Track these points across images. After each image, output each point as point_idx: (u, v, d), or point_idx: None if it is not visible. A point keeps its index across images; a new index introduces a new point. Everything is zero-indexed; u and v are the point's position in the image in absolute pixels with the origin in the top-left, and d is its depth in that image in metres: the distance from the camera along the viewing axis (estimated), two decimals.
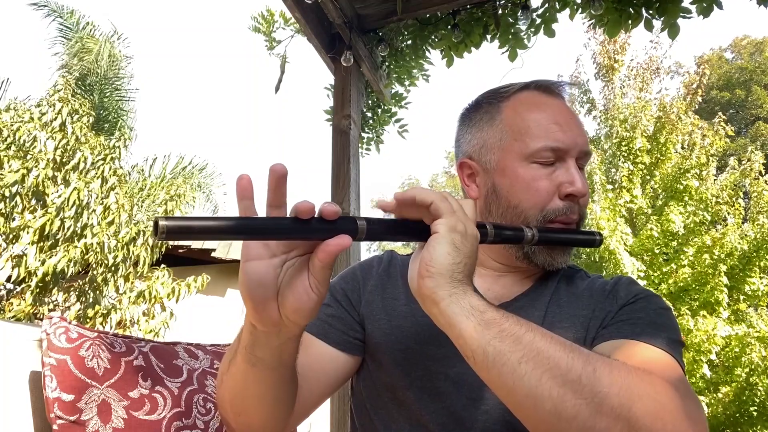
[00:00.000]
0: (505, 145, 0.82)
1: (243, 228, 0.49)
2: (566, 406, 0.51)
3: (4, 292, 4.21)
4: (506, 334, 0.54)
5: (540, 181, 0.78)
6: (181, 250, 5.63)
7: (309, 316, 0.57)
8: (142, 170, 7.46)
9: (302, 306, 0.56)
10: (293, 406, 0.73)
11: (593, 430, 0.50)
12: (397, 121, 2.84)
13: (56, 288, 3.97)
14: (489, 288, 0.85)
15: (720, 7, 2.05)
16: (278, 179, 0.53)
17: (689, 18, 2.11)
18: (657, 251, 7.15)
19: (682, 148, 8.01)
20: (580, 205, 0.81)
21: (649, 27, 2.19)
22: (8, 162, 3.85)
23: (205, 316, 5.41)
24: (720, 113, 8.52)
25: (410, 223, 0.62)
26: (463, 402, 0.76)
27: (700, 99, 8.84)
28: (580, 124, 0.84)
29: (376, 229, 0.58)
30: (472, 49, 2.44)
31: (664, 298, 6.73)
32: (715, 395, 6.76)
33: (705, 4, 2.06)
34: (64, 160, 4.21)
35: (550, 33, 2.35)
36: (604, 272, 6.61)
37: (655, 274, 7.10)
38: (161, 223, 0.45)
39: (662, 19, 2.14)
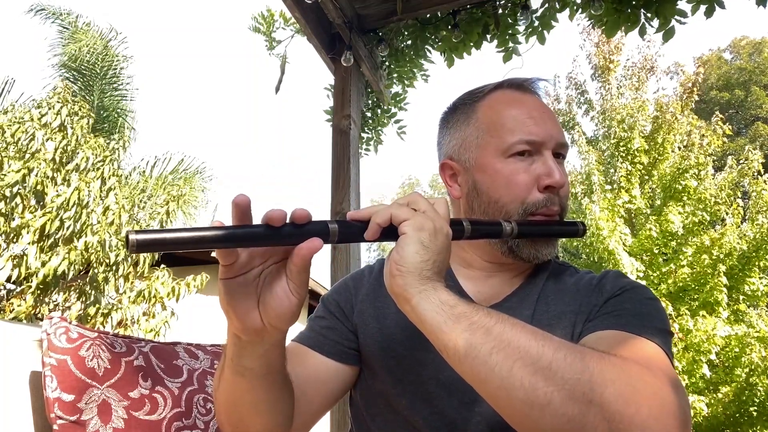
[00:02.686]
0: (482, 143, 0.83)
1: (216, 238, 0.50)
2: (538, 394, 0.51)
3: (4, 292, 4.21)
4: (476, 326, 0.54)
5: (518, 175, 0.79)
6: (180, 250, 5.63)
7: (291, 320, 0.58)
8: (144, 172, 7.45)
9: (284, 311, 0.57)
10: (291, 415, 0.73)
11: (566, 417, 0.50)
12: (397, 121, 2.85)
13: (57, 288, 3.98)
14: (479, 290, 0.85)
15: (722, 6, 2.06)
16: (242, 212, 0.53)
17: (684, 23, 2.11)
18: (656, 251, 7.16)
19: (680, 148, 8.03)
20: (560, 197, 0.81)
21: (643, 31, 2.19)
22: (8, 162, 3.85)
23: (205, 316, 5.40)
24: (718, 113, 8.52)
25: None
26: (455, 406, 0.76)
27: (696, 98, 8.86)
28: (554, 117, 0.86)
29: (349, 232, 0.60)
30: (473, 50, 2.45)
31: (664, 298, 6.76)
32: (715, 395, 6.76)
33: (706, 5, 2.06)
34: (64, 160, 4.22)
35: (542, 40, 2.36)
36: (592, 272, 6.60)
37: (655, 275, 7.11)
38: (131, 237, 0.46)
39: (658, 21, 2.14)
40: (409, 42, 2.64)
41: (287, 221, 0.54)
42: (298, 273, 0.56)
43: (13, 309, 3.85)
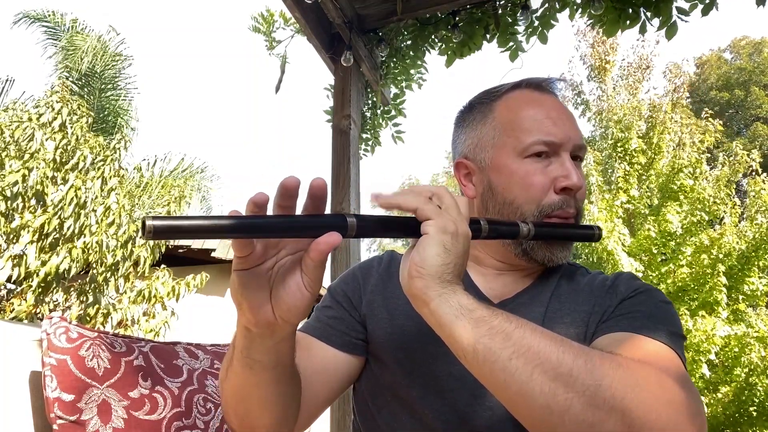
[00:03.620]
0: (498, 143, 0.82)
1: (233, 227, 0.49)
2: (558, 400, 0.51)
3: (4, 292, 4.21)
4: (496, 331, 0.54)
5: (534, 176, 0.78)
6: (181, 251, 5.64)
7: (303, 314, 0.58)
8: (140, 168, 7.45)
9: (296, 305, 0.56)
10: (297, 408, 0.72)
11: (586, 423, 0.50)
12: (395, 124, 2.83)
13: (57, 288, 3.98)
14: (490, 286, 0.84)
15: (716, 8, 2.06)
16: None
17: (686, 20, 2.11)
18: (655, 251, 7.16)
19: (675, 147, 8.05)
20: (577, 199, 0.80)
21: (643, 29, 2.20)
22: (9, 162, 3.85)
23: (205, 316, 5.41)
24: (706, 110, 8.53)
25: (401, 219, 0.62)
26: (467, 399, 0.76)
27: (687, 95, 8.89)
28: (573, 118, 0.84)
29: (367, 226, 0.58)
30: (473, 50, 2.45)
31: None
32: (714, 395, 6.77)
33: (704, 4, 2.07)
34: (63, 160, 4.21)
35: (544, 39, 2.36)
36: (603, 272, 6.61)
37: (654, 275, 7.11)
38: (148, 222, 0.45)
39: (659, 19, 2.14)
40: (409, 42, 2.64)
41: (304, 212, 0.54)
42: (315, 268, 0.55)
43: (14, 309, 3.85)
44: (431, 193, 0.62)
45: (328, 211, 0.55)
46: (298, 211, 0.54)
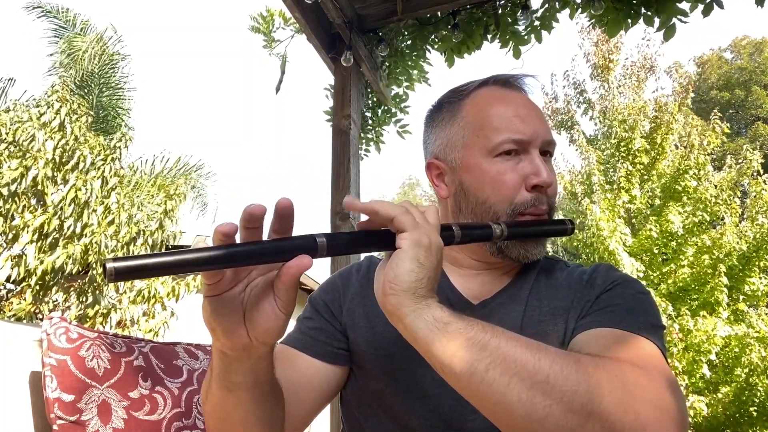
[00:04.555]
0: (468, 142, 0.82)
1: (200, 261, 0.49)
2: (537, 408, 0.51)
3: (4, 291, 4.21)
4: (471, 343, 0.54)
5: (505, 175, 0.78)
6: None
7: (278, 335, 0.57)
8: (133, 165, 7.46)
9: (271, 326, 0.56)
10: (282, 423, 0.72)
11: (566, 429, 0.50)
12: (397, 121, 2.85)
13: (56, 287, 3.98)
14: (469, 287, 0.84)
15: (721, 6, 2.05)
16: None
17: (685, 21, 2.11)
18: (656, 251, 7.16)
19: (677, 147, 8.04)
20: (548, 195, 0.80)
21: (650, 22, 2.19)
22: (7, 161, 3.86)
23: None
24: (715, 111, 8.52)
25: (373, 233, 0.61)
26: (451, 403, 0.75)
27: (693, 95, 8.87)
28: (541, 114, 0.84)
29: (338, 244, 0.58)
30: (474, 49, 2.45)
31: (664, 298, 6.76)
32: (714, 395, 6.76)
33: (704, 4, 2.06)
34: (63, 159, 4.21)
35: (539, 38, 2.35)
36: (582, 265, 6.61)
37: (655, 275, 7.11)
38: (108, 265, 0.44)
39: (659, 19, 2.14)
40: (409, 42, 2.64)
41: (272, 237, 0.54)
42: (286, 291, 0.55)
43: (13, 308, 3.85)
44: (403, 210, 0.61)
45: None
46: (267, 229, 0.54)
